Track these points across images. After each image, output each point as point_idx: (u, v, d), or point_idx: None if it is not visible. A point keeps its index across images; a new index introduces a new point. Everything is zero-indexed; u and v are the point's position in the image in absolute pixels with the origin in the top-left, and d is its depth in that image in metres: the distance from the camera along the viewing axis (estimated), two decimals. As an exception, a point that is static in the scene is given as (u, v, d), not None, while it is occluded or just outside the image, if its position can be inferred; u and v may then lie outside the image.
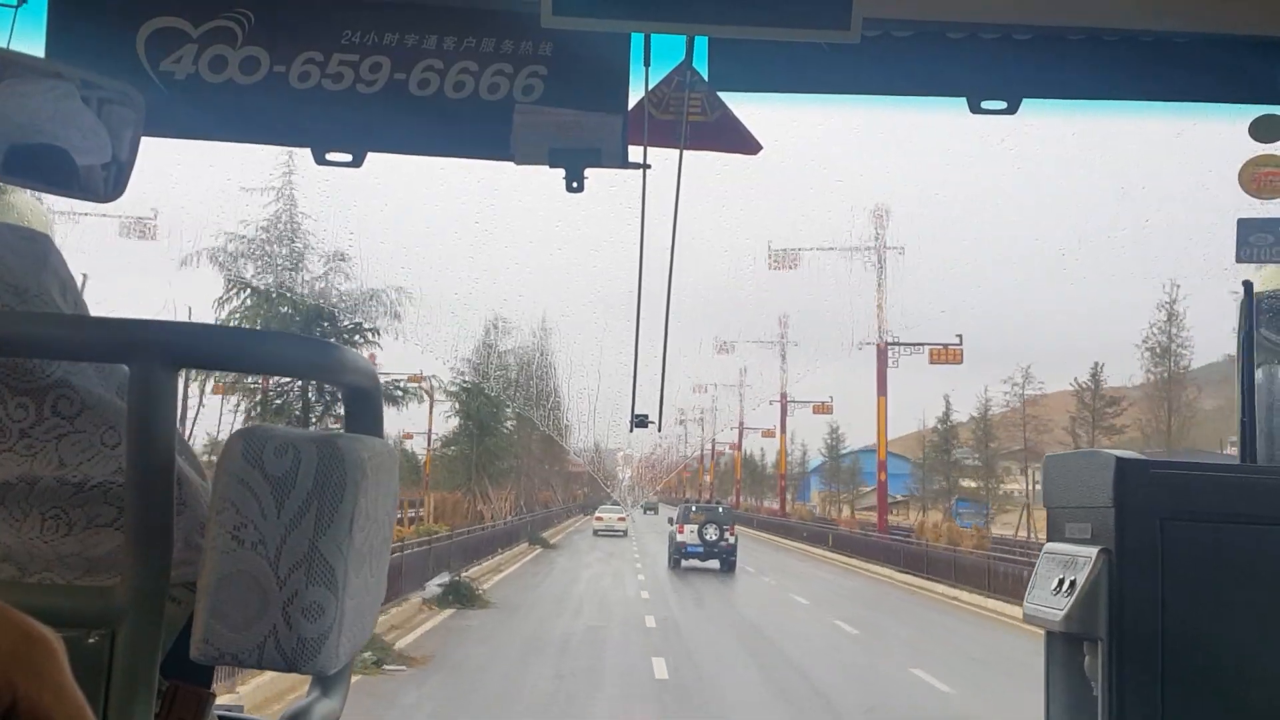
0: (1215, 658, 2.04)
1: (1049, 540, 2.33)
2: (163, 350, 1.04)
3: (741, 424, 74.51)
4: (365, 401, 1.24)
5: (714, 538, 36.73)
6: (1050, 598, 2.20)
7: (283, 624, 1.00)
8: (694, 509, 38.32)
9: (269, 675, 12.12)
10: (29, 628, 0.53)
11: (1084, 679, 2.16)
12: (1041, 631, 2.31)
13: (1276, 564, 2.05)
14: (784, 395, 59.03)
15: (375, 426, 1.24)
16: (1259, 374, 2.68)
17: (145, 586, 1.03)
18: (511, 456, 47.62)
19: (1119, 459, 2.10)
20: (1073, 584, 2.12)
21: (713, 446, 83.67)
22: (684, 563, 36.50)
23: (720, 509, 39.15)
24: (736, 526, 44.16)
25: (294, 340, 1.14)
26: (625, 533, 56.43)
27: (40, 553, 1.09)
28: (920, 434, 68.82)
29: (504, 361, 36.25)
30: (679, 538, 37.11)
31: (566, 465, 67.05)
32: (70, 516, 1.10)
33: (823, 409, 64.79)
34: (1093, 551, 2.10)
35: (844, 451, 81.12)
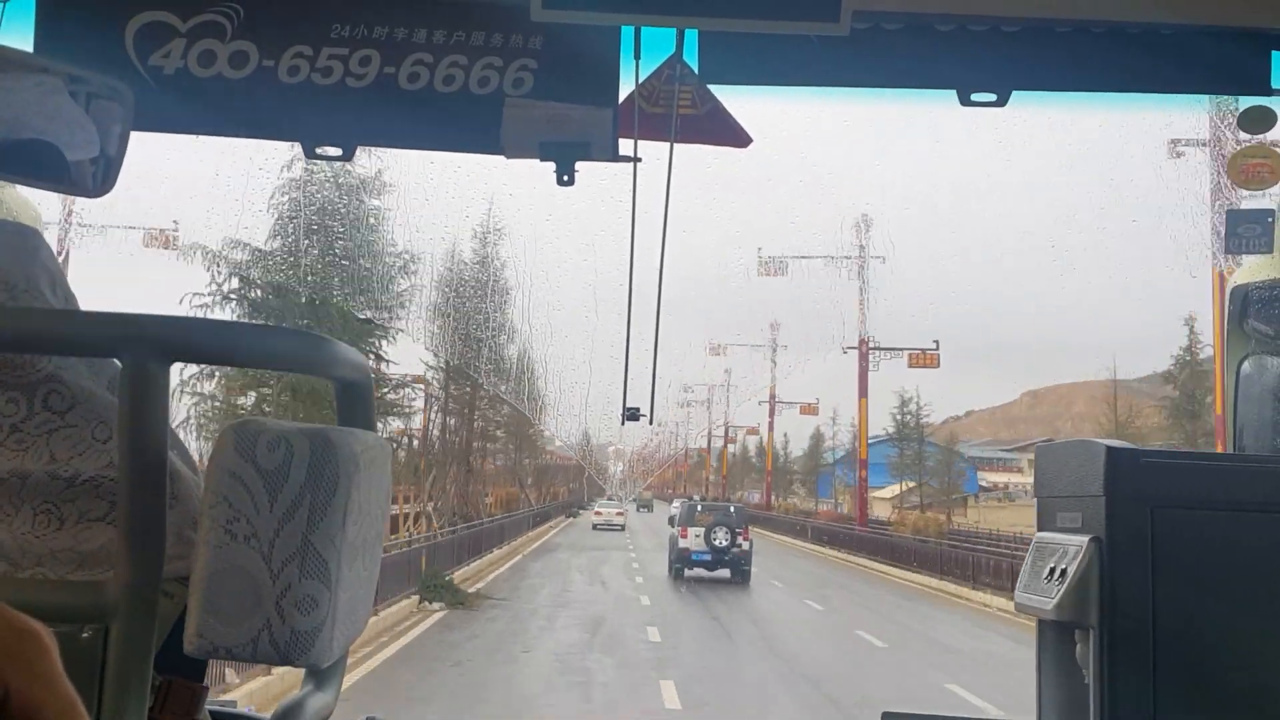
0: (1206, 644, 2.05)
1: (1040, 530, 2.34)
2: (154, 344, 1.04)
3: (773, 398, 59.00)
4: (357, 395, 1.24)
5: (724, 543, 30.32)
6: (1041, 586, 2.21)
7: (276, 617, 1.00)
8: (700, 508, 31.95)
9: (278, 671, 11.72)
10: (20, 622, 0.53)
11: (1075, 667, 2.17)
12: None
13: (1266, 552, 2.06)
14: (864, 340, 42.72)
15: (367, 420, 1.24)
16: (1247, 364, 2.70)
17: (138, 581, 1.03)
18: (398, 415, 30.17)
19: (1109, 448, 2.11)
20: (1064, 573, 2.13)
21: (726, 432, 69.29)
22: (688, 572, 30.49)
23: (731, 508, 32.94)
24: (776, 537, 39.93)
25: (286, 334, 1.14)
26: (623, 527, 52.31)
27: (32, 548, 1.09)
28: (1105, 384, 49.00)
29: (364, 220, 22.55)
30: (682, 543, 30.75)
31: (542, 453, 55.42)
32: (62, 511, 1.10)
33: (924, 360, 43.34)
34: (1083, 540, 2.11)
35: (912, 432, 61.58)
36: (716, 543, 30.57)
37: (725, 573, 30.37)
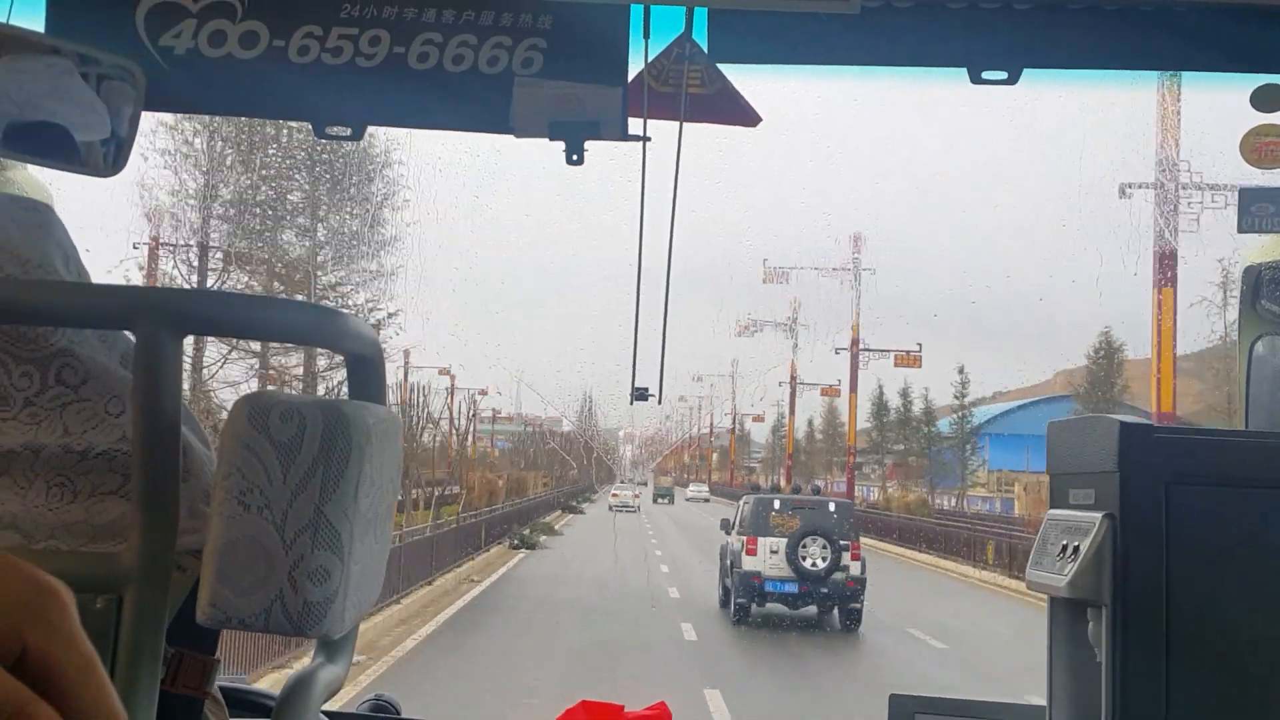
0: (1219, 622, 2.05)
1: (1052, 507, 2.34)
2: (167, 316, 1.05)
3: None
4: (368, 368, 1.24)
5: (820, 564, 18.70)
6: (1053, 564, 2.21)
7: (289, 588, 1.00)
8: (778, 505, 19.75)
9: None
10: (38, 579, 0.53)
11: (1087, 645, 2.17)
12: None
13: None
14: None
15: (378, 393, 1.24)
16: (1260, 345, 2.69)
17: (151, 552, 1.04)
18: None
19: (1123, 424, 2.10)
20: (1076, 549, 2.13)
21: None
22: (756, 607, 18.93)
23: (831, 506, 20.36)
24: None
25: (298, 307, 1.15)
26: (638, 509, 43.13)
27: (46, 520, 1.10)
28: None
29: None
30: (749, 563, 18.80)
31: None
32: (75, 484, 1.10)
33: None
34: (1096, 517, 2.11)
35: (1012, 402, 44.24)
36: (809, 564, 18.78)
37: (812, 607, 19.13)
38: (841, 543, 18.93)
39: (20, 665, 0.51)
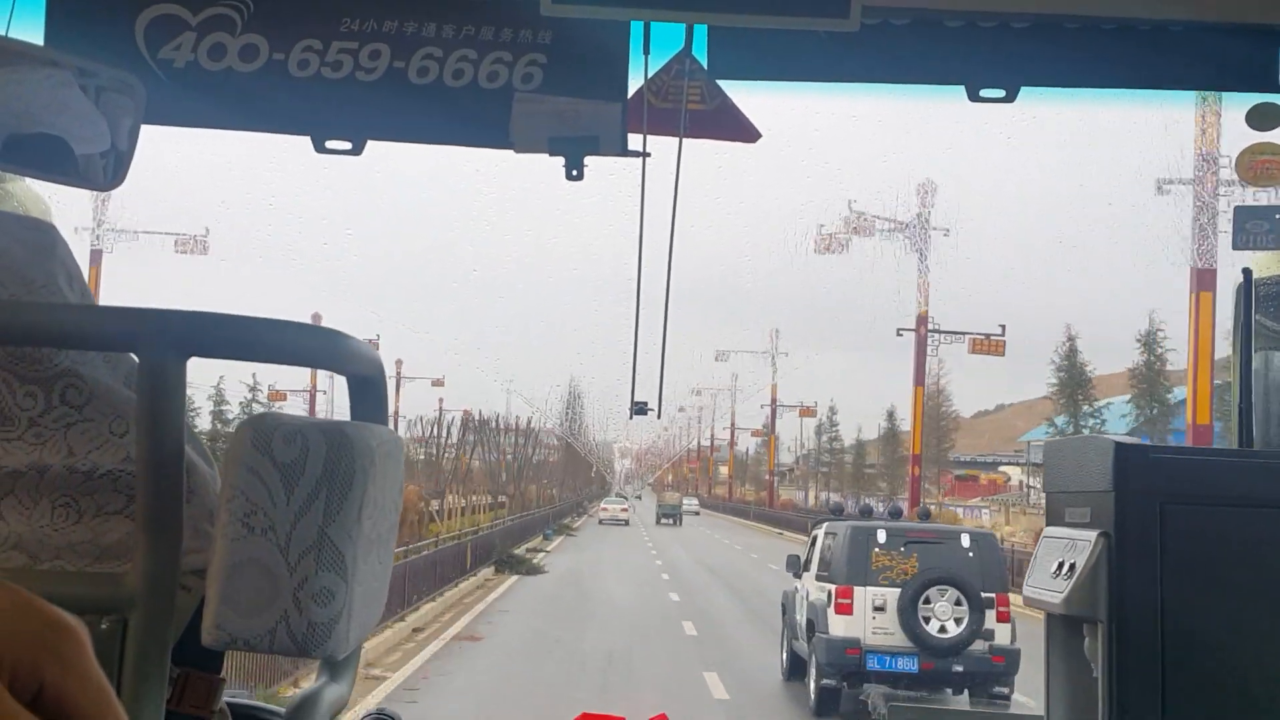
0: (1214, 639, 2.06)
1: (1049, 525, 2.35)
2: (171, 339, 1.05)
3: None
4: (371, 390, 1.25)
5: (952, 628, 12.42)
6: (1050, 581, 2.22)
7: (293, 609, 1.01)
8: (884, 538, 12.95)
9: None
10: (54, 615, 0.54)
11: (1084, 660, 2.18)
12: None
13: (1274, 547, 2.07)
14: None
15: (381, 414, 1.24)
16: (1256, 359, 2.71)
17: (156, 573, 1.04)
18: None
19: (1118, 444, 2.12)
20: (1072, 567, 2.14)
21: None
22: (848, 688, 12.65)
23: (966, 541, 13.22)
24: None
25: (301, 329, 1.15)
26: (627, 522, 43.35)
27: (50, 540, 1.10)
28: None
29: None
30: (840, 626, 12.63)
31: None
32: (80, 504, 1.10)
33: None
34: (1092, 535, 2.12)
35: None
36: (935, 628, 12.51)
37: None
38: (984, 596, 12.53)
39: (38, 701, 0.51)
